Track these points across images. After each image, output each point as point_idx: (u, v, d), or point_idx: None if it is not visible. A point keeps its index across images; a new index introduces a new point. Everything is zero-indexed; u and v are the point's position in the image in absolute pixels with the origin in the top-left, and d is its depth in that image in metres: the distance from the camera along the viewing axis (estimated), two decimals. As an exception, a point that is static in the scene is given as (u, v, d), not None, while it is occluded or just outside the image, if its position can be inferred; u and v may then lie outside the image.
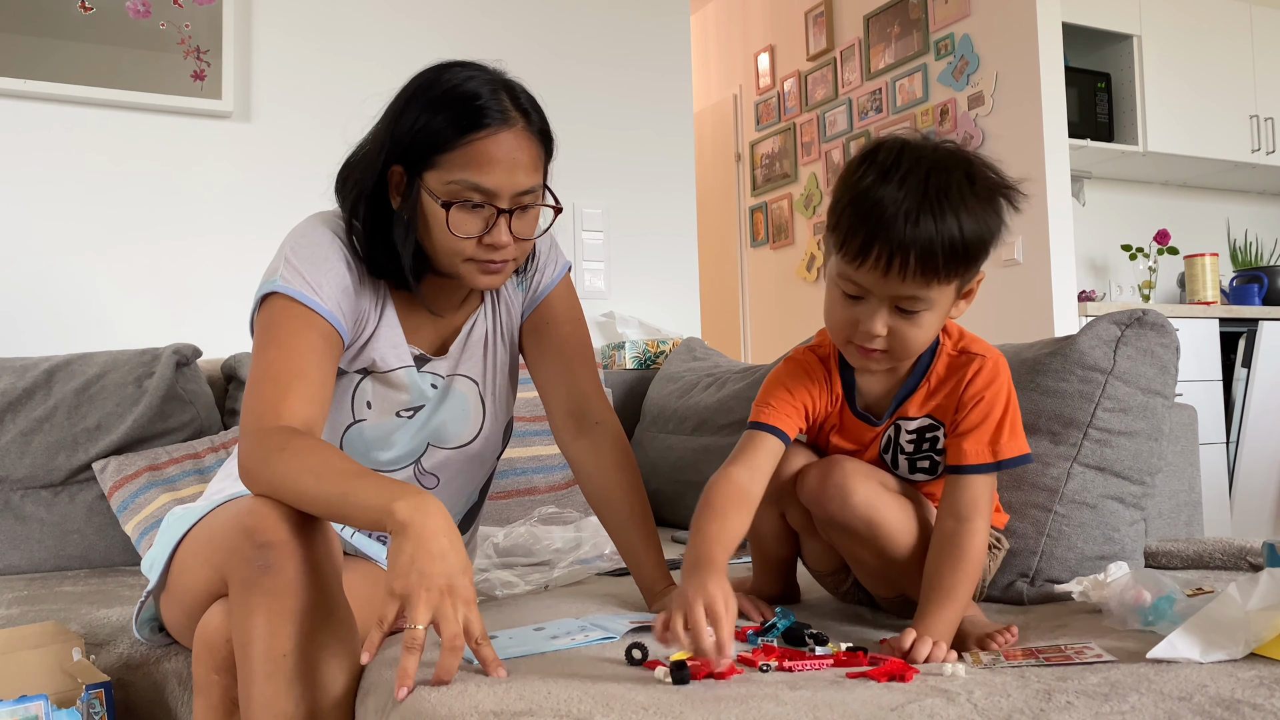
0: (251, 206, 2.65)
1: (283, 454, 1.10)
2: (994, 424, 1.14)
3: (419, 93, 1.21)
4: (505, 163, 1.18)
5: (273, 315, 1.20)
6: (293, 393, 1.15)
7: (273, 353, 1.18)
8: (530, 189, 1.21)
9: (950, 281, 1.06)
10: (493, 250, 1.21)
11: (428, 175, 1.19)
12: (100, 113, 2.50)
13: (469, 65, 1.23)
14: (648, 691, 0.91)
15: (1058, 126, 3.63)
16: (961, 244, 1.02)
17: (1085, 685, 0.89)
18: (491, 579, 1.65)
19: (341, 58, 2.78)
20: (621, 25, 3.20)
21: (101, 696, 1.26)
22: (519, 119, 1.19)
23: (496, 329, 1.41)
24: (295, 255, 1.22)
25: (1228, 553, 1.45)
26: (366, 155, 1.26)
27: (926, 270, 1.02)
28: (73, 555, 2.04)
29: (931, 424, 1.19)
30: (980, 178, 1.05)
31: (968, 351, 1.17)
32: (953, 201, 1.01)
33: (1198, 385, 3.77)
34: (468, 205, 1.18)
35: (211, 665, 1.13)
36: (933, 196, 1.00)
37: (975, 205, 1.02)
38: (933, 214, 1.00)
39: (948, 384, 1.17)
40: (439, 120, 1.17)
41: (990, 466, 1.14)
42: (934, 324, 1.10)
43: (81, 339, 2.43)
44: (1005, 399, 1.15)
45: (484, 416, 1.39)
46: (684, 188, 3.28)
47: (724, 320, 5.26)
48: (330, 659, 1.07)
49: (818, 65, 4.67)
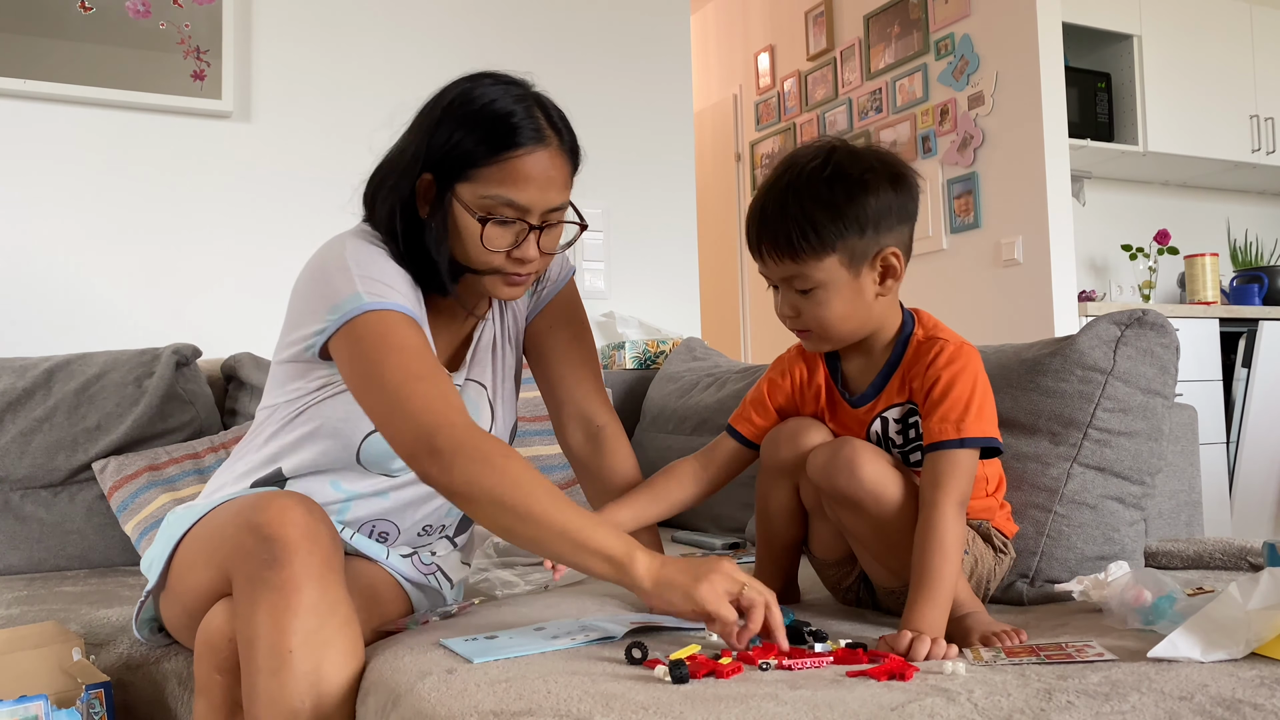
0: (251, 206, 2.65)
1: (507, 460, 1.08)
2: (958, 403, 1.16)
3: (455, 106, 1.21)
4: (540, 180, 1.20)
5: (373, 327, 1.16)
6: (447, 388, 1.14)
7: (399, 357, 1.14)
8: (560, 206, 1.23)
9: (821, 256, 1.15)
10: (520, 264, 1.23)
11: (460, 188, 1.20)
12: (100, 113, 2.50)
13: (502, 78, 1.24)
14: (648, 691, 0.91)
15: (1058, 126, 3.63)
16: (808, 222, 1.14)
17: (1086, 684, 0.88)
18: (491, 579, 1.65)
19: (342, 58, 2.78)
20: (621, 25, 3.20)
21: (101, 696, 1.26)
22: (553, 137, 1.21)
23: (504, 333, 1.42)
24: (365, 270, 1.19)
25: (1228, 553, 1.45)
26: (401, 166, 1.25)
27: (784, 250, 1.16)
28: (73, 555, 2.04)
29: (911, 408, 1.23)
30: (834, 164, 1.16)
31: (934, 337, 1.22)
32: (798, 190, 1.16)
33: (1198, 385, 3.77)
34: (500, 220, 1.20)
35: (214, 665, 1.13)
36: (782, 188, 1.17)
37: (820, 187, 1.15)
38: (780, 203, 1.16)
39: (915, 367, 1.22)
40: (475, 135, 1.18)
41: (954, 443, 1.14)
42: (838, 300, 1.18)
43: (81, 339, 2.43)
44: (971, 382, 1.18)
45: (493, 420, 1.40)
46: (684, 188, 3.28)
47: (724, 320, 5.26)
48: (335, 656, 1.07)
49: (818, 65, 4.67)
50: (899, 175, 1.19)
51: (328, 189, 2.72)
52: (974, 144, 3.83)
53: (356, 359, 1.16)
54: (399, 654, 1.10)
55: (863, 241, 1.16)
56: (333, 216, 2.70)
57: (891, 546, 1.20)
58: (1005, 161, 3.74)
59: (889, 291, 1.21)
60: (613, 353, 2.87)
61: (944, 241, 3.99)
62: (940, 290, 4.00)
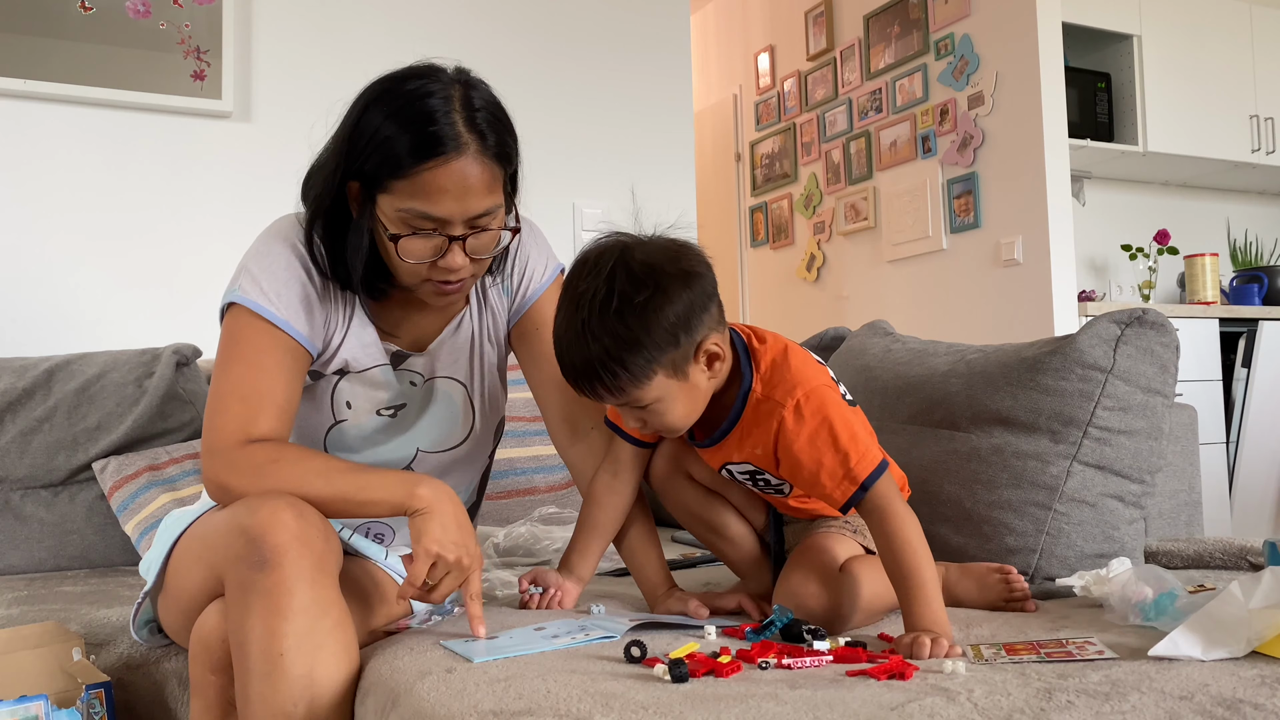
0: (251, 206, 2.64)
1: (277, 464, 1.14)
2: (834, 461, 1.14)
3: (372, 109, 1.16)
4: (455, 191, 1.14)
5: (238, 329, 1.21)
6: (263, 412, 1.18)
7: (239, 369, 1.20)
8: (485, 211, 1.17)
9: (642, 383, 1.12)
10: (448, 272, 1.19)
11: (381, 198, 1.17)
12: (100, 113, 2.50)
13: (421, 73, 1.18)
14: (647, 690, 0.91)
15: (1058, 126, 3.63)
16: (615, 363, 1.10)
17: (1086, 684, 0.88)
18: (491, 579, 1.65)
19: (342, 58, 2.78)
20: (622, 25, 3.20)
21: (101, 696, 1.26)
22: (472, 142, 1.14)
23: (483, 331, 1.39)
24: (256, 265, 1.23)
25: (1228, 552, 1.45)
26: (325, 168, 1.23)
27: (607, 391, 1.13)
28: (73, 555, 2.04)
29: (755, 470, 1.24)
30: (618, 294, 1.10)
31: (770, 398, 1.18)
32: (594, 332, 1.10)
33: (1198, 385, 3.77)
34: (421, 233, 1.16)
35: (208, 665, 1.13)
36: (577, 332, 1.11)
37: (614, 324, 1.10)
38: (583, 353, 1.11)
39: (755, 432, 1.19)
40: (389, 145, 1.13)
41: (859, 493, 1.14)
42: (678, 404, 1.16)
43: (81, 339, 2.43)
44: (828, 430, 1.14)
45: (474, 418, 1.38)
46: (684, 188, 3.28)
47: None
48: (328, 658, 1.07)
49: (818, 65, 4.67)
50: (684, 271, 1.13)
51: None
52: (974, 144, 3.83)
53: (217, 352, 1.24)
54: (398, 654, 1.10)
55: (679, 350, 1.12)
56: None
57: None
58: (1005, 161, 3.74)
59: (720, 372, 1.18)
60: (613, 353, 2.87)
61: (944, 241, 3.99)
62: (940, 290, 4.00)
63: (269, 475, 1.14)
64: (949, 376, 1.54)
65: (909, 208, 4.11)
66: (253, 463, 1.15)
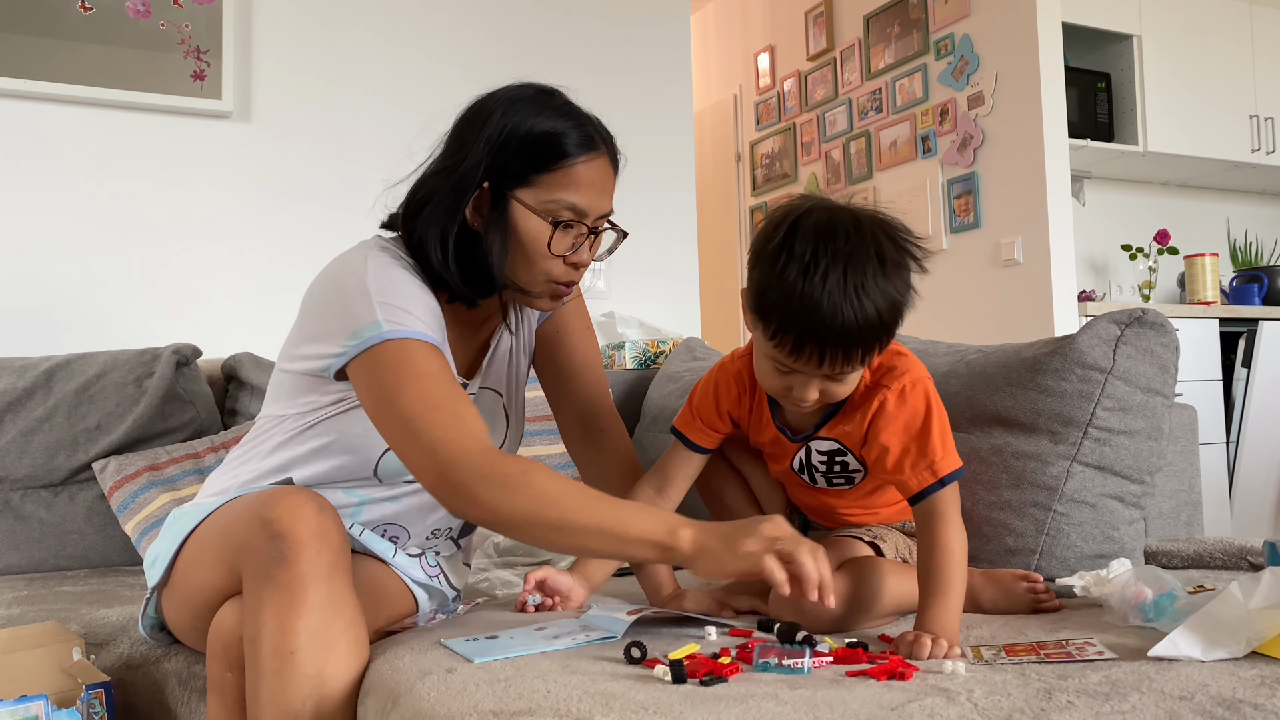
0: (251, 206, 2.65)
1: (528, 476, 1.08)
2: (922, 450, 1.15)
3: (516, 110, 1.21)
4: (597, 185, 1.23)
5: (392, 355, 1.15)
6: (465, 414, 1.13)
7: (417, 385, 1.13)
8: (610, 213, 1.26)
9: (885, 346, 1.13)
10: (574, 270, 1.24)
11: (521, 193, 1.20)
12: (100, 113, 2.50)
13: (543, 89, 1.27)
14: (647, 690, 0.91)
15: (1058, 126, 3.63)
16: (881, 326, 1.08)
17: (1086, 684, 0.88)
18: (491, 579, 1.65)
19: (342, 58, 2.78)
20: (622, 25, 3.20)
21: (101, 696, 1.26)
22: (603, 146, 1.25)
23: (520, 343, 1.42)
24: (385, 296, 1.17)
25: (1228, 552, 1.45)
26: (454, 179, 1.22)
27: (854, 357, 1.09)
28: (73, 555, 2.04)
29: (839, 448, 1.24)
30: (889, 257, 1.08)
31: (879, 384, 1.19)
32: (870, 292, 1.06)
33: (1198, 385, 3.77)
34: (564, 224, 1.21)
35: (226, 663, 1.13)
36: (853, 293, 1.05)
37: (888, 285, 1.07)
38: (854, 309, 1.05)
39: (856, 413, 1.20)
40: (549, 139, 1.20)
41: (935, 486, 1.14)
42: (859, 376, 1.17)
43: (81, 339, 2.43)
44: (925, 419, 1.16)
45: (508, 427, 1.41)
46: (684, 188, 3.28)
47: (724, 320, 5.26)
48: (339, 659, 1.07)
49: (818, 65, 4.67)
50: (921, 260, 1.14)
51: (328, 189, 2.72)
52: (974, 144, 3.83)
53: (375, 387, 1.15)
54: (399, 654, 1.10)
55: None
56: (332, 216, 2.71)
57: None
58: (1005, 161, 3.74)
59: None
60: (613, 353, 2.87)
61: (944, 241, 3.99)
62: (940, 290, 4.00)
63: (521, 490, 1.07)
64: (948, 377, 1.54)
65: (909, 208, 4.11)
66: (502, 473, 1.08)
